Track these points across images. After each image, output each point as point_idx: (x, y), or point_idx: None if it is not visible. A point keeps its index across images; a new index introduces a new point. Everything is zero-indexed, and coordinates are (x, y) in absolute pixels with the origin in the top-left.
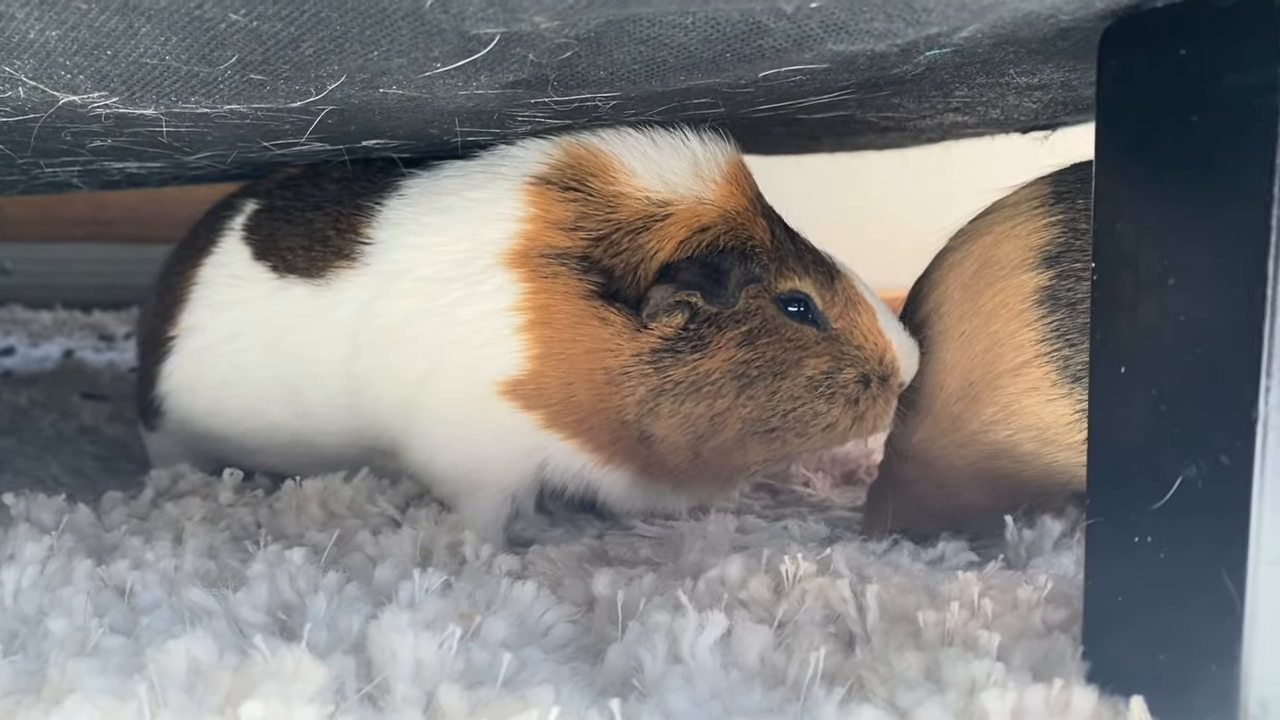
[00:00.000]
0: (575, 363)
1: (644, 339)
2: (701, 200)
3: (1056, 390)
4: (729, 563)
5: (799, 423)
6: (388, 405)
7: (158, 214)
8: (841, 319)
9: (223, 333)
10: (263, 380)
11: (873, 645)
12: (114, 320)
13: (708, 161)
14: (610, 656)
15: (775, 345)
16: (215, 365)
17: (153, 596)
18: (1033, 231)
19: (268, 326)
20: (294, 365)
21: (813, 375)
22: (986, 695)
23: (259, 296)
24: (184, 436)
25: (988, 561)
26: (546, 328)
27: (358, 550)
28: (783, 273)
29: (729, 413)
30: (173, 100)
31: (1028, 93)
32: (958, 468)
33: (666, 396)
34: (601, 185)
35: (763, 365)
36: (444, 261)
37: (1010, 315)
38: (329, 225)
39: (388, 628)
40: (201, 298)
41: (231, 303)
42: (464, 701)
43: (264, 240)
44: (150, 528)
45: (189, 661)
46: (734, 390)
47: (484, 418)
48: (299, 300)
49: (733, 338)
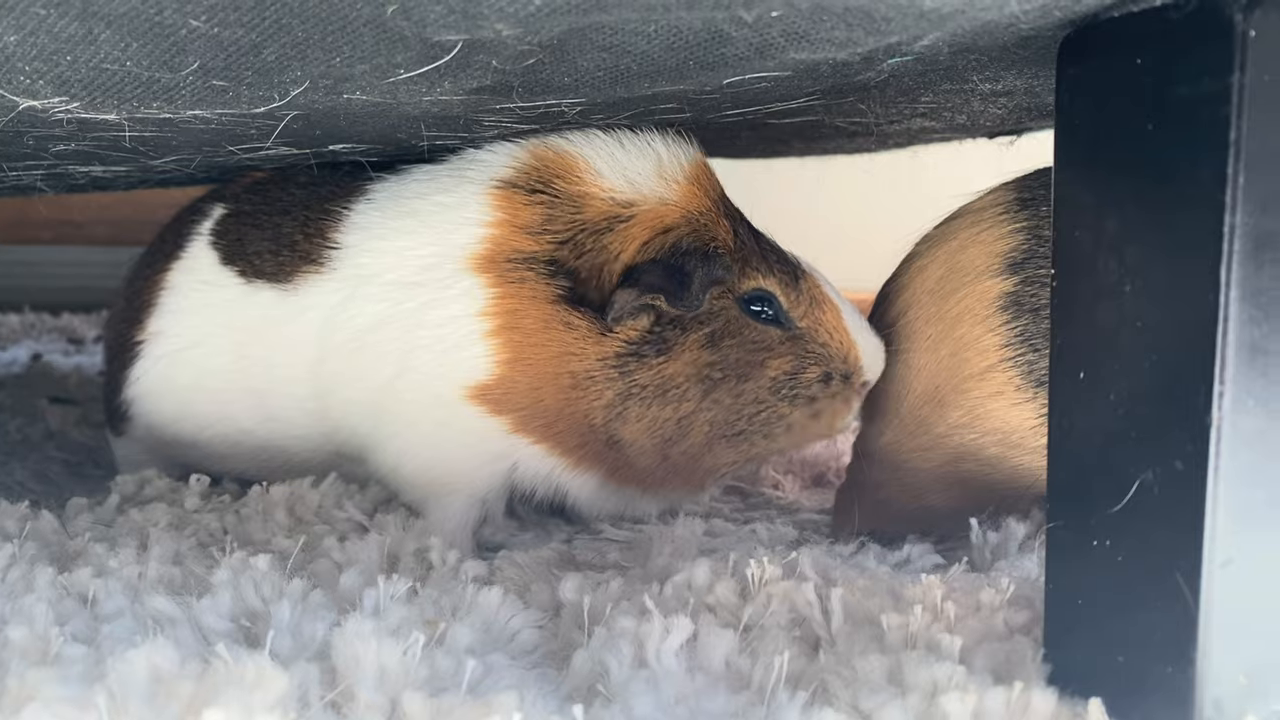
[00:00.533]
0: (543, 367)
1: (609, 343)
2: (664, 201)
3: (1021, 395)
4: (696, 567)
5: (764, 425)
6: (355, 410)
7: (129, 216)
8: (806, 318)
9: (190, 337)
10: (230, 385)
11: (837, 648)
12: (83, 323)
13: (671, 163)
14: (576, 662)
15: (738, 347)
16: (183, 370)
17: (115, 604)
18: (998, 238)
19: (235, 331)
20: (262, 370)
21: (775, 376)
22: (947, 698)
23: (227, 301)
24: (151, 442)
25: (953, 564)
26: (515, 332)
27: (324, 557)
28: (746, 272)
29: (694, 416)
30: (134, 106)
31: (992, 99)
32: (924, 471)
33: (633, 400)
34: (567, 187)
35: (726, 367)
36: (411, 266)
37: (975, 320)
38: (297, 230)
39: (351, 635)
40: (169, 303)
41: (199, 307)
42: (427, 708)
43: (232, 245)
44: (115, 534)
45: (150, 670)
46: (699, 393)
47: (451, 422)
48: (267, 305)
49: (696, 340)
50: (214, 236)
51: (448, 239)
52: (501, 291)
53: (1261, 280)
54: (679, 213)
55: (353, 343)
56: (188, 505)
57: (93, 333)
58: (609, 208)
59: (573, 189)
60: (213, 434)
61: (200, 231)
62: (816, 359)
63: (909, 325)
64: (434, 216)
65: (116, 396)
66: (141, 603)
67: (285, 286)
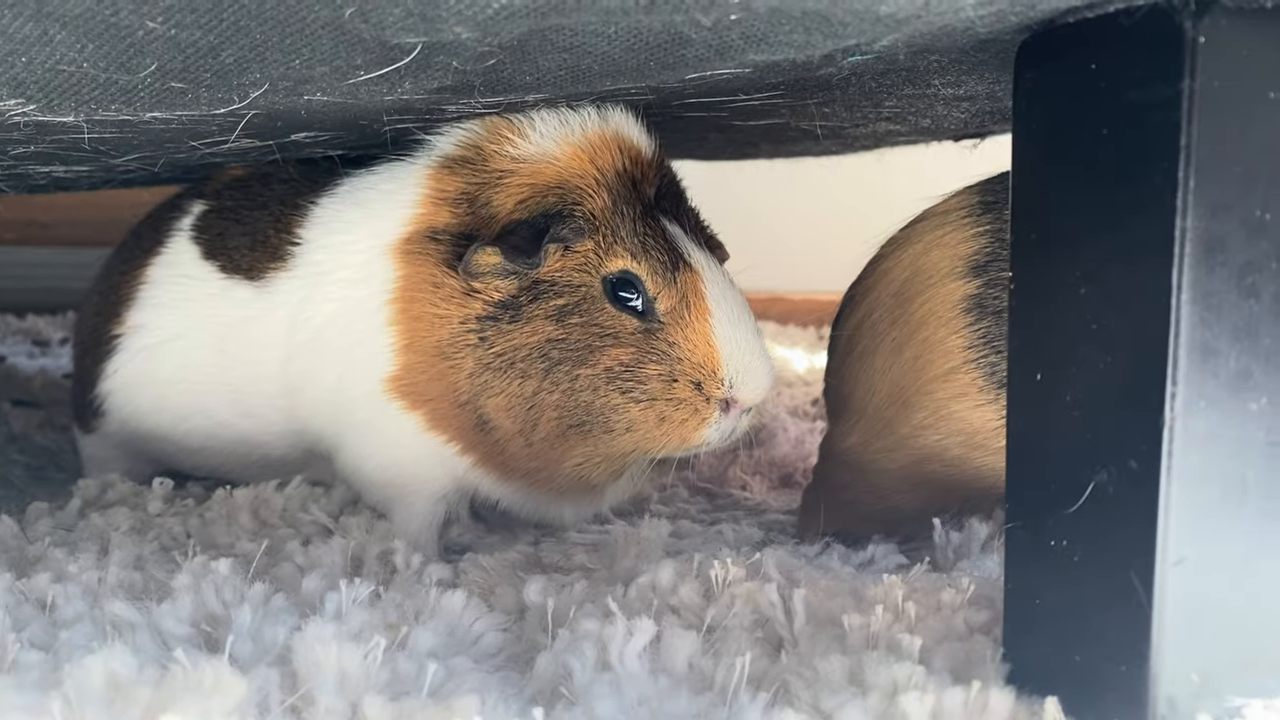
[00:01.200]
0: (425, 341)
1: (472, 304)
2: (550, 161)
3: (983, 396)
4: (660, 568)
5: (601, 417)
6: (318, 410)
7: (95, 217)
8: (670, 315)
9: (171, 331)
10: (209, 379)
11: (799, 649)
12: (49, 325)
13: (579, 126)
14: (540, 665)
15: (584, 328)
16: (162, 363)
17: (74, 610)
18: (961, 240)
19: (215, 326)
20: (239, 367)
21: (610, 366)
22: (906, 698)
23: (208, 296)
24: (125, 436)
25: (916, 564)
26: (409, 314)
27: (288, 560)
28: (614, 250)
29: (538, 397)
30: (93, 108)
31: (955, 103)
32: (889, 471)
33: (489, 371)
34: (492, 149)
35: (566, 347)
36: (357, 260)
37: (939, 322)
38: (270, 226)
39: (312, 639)
40: (149, 296)
41: (180, 301)
42: (388, 712)
43: (213, 240)
44: (76, 539)
45: (107, 676)
46: (540, 371)
47: (386, 421)
48: (243, 302)
49: (544, 311)
50: (195, 231)
51: (381, 226)
52: (404, 272)
53: (1213, 283)
54: (555, 172)
55: (313, 342)
56: (150, 509)
57: (58, 335)
58: (504, 164)
59: (491, 149)
60: (190, 427)
61: (181, 227)
62: (660, 357)
63: (873, 327)
64: (376, 205)
65: (90, 391)
66: (101, 608)
67: (258, 283)
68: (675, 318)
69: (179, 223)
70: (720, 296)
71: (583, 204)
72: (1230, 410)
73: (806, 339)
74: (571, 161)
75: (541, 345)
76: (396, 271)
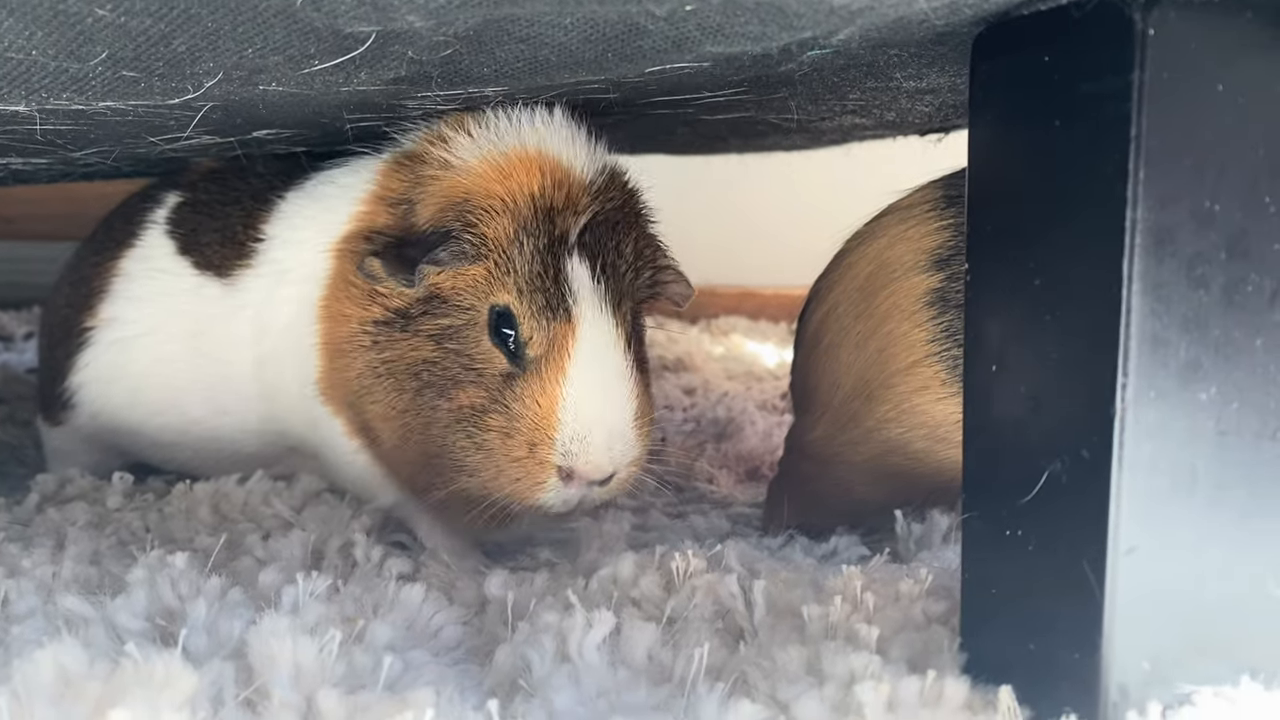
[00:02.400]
0: (332, 339)
1: (372, 308)
2: (466, 172)
3: (946, 389)
4: (621, 561)
5: (450, 455)
6: (293, 416)
7: (62, 211)
8: (534, 365)
9: (145, 325)
10: (183, 375)
11: (759, 640)
12: (13, 320)
13: (503, 139)
14: (499, 657)
15: (455, 356)
16: (136, 358)
17: (27, 605)
18: (925, 234)
19: (189, 322)
20: (213, 365)
21: (463, 406)
22: (862, 688)
23: (183, 290)
24: (94, 430)
25: (877, 555)
26: (328, 312)
27: (247, 554)
28: (503, 281)
29: (406, 416)
30: (44, 97)
31: (918, 96)
32: (853, 464)
33: (371, 376)
34: (429, 151)
35: (434, 373)
36: (310, 256)
37: (903, 316)
38: (239, 221)
39: (267, 632)
40: (123, 290)
41: (154, 296)
42: (343, 706)
43: (188, 234)
44: (31, 534)
45: (57, 670)
46: (411, 390)
47: (329, 425)
48: (213, 300)
49: (430, 329)
50: (170, 225)
51: (331, 221)
52: (333, 270)
53: (1162, 274)
54: (465, 187)
55: (277, 347)
56: (110, 504)
57: (23, 329)
58: (433, 168)
59: (427, 150)
60: (162, 422)
61: (155, 219)
62: (504, 409)
63: (839, 321)
64: (332, 200)
65: (59, 384)
66: (54, 603)
67: (226, 282)
68: (536, 369)
69: (153, 214)
70: (591, 354)
71: (478, 225)
72: (1180, 400)
73: (778, 334)
74: (482, 177)
75: (416, 364)
76: (329, 269)
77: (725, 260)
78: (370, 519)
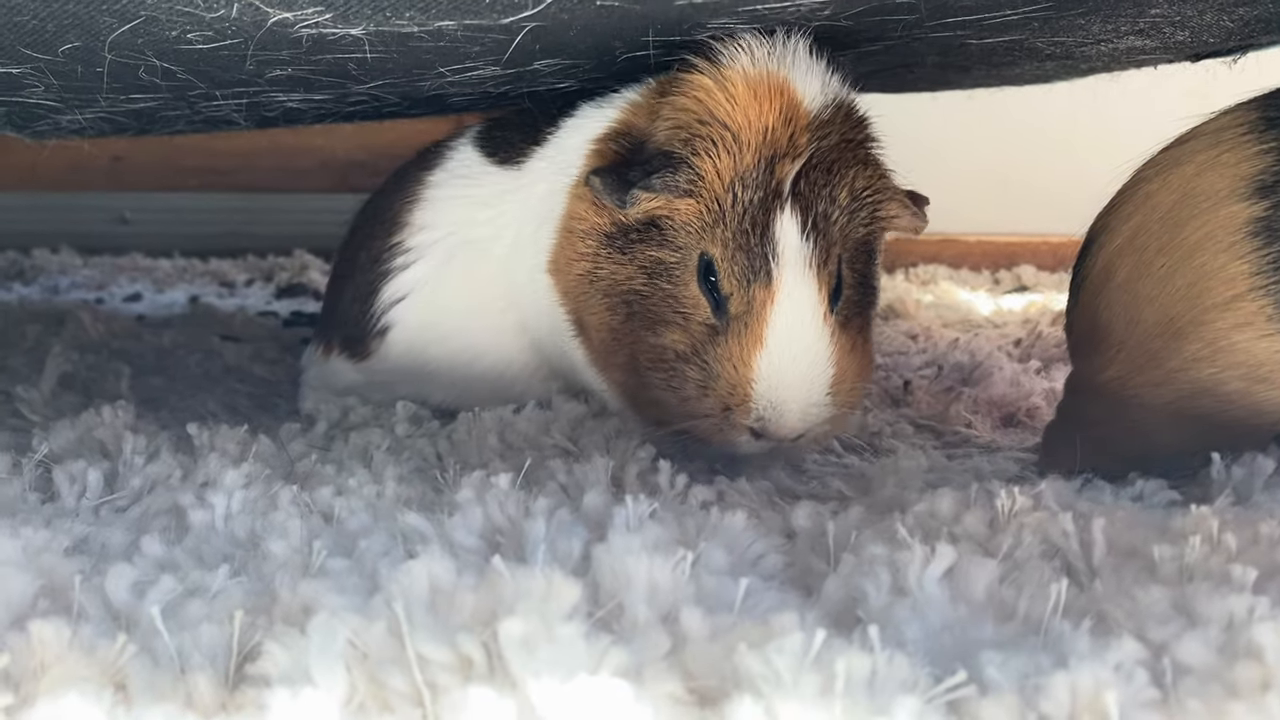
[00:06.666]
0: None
1: (604, 218)
2: (705, 92)
3: (1273, 325)
4: (939, 496)
5: (658, 384)
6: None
7: (274, 164)
8: (735, 322)
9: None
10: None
11: (1103, 579)
12: (232, 267)
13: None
14: (828, 587)
15: (663, 298)
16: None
17: (359, 522)
18: (1242, 160)
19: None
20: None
21: (666, 348)
22: (1261, 629)
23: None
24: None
25: (1190, 500)
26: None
27: (551, 479)
28: (715, 229)
29: (619, 335)
30: (386, 16)
31: (1231, 9)
32: (1153, 407)
33: (589, 284)
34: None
35: (644, 305)
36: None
37: (1219, 248)
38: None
39: (620, 550)
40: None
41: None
42: (706, 626)
43: (491, 141)
44: (339, 457)
45: (431, 581)
46: (622, 314)
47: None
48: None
49: (641, 259)
50: (477, 137)
51: (597, 122)
52: (584, 166)
53: None
54: (699, 109)
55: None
56: (399, 431)
57: (243, 277)
58: (678, 83)
59: (680, 73)
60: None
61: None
62: (703, 365)
63: (1137, 255)
64: (604, 104)
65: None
66: (390, 519)
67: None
68: (736, 327)
69: (459, 140)
70: (789, 324)
71: (699, 159)
72: None
73: (983, 282)
74: (714, 99)
75: (629, 292)
76: (583, 165)
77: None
78: (655, 446)
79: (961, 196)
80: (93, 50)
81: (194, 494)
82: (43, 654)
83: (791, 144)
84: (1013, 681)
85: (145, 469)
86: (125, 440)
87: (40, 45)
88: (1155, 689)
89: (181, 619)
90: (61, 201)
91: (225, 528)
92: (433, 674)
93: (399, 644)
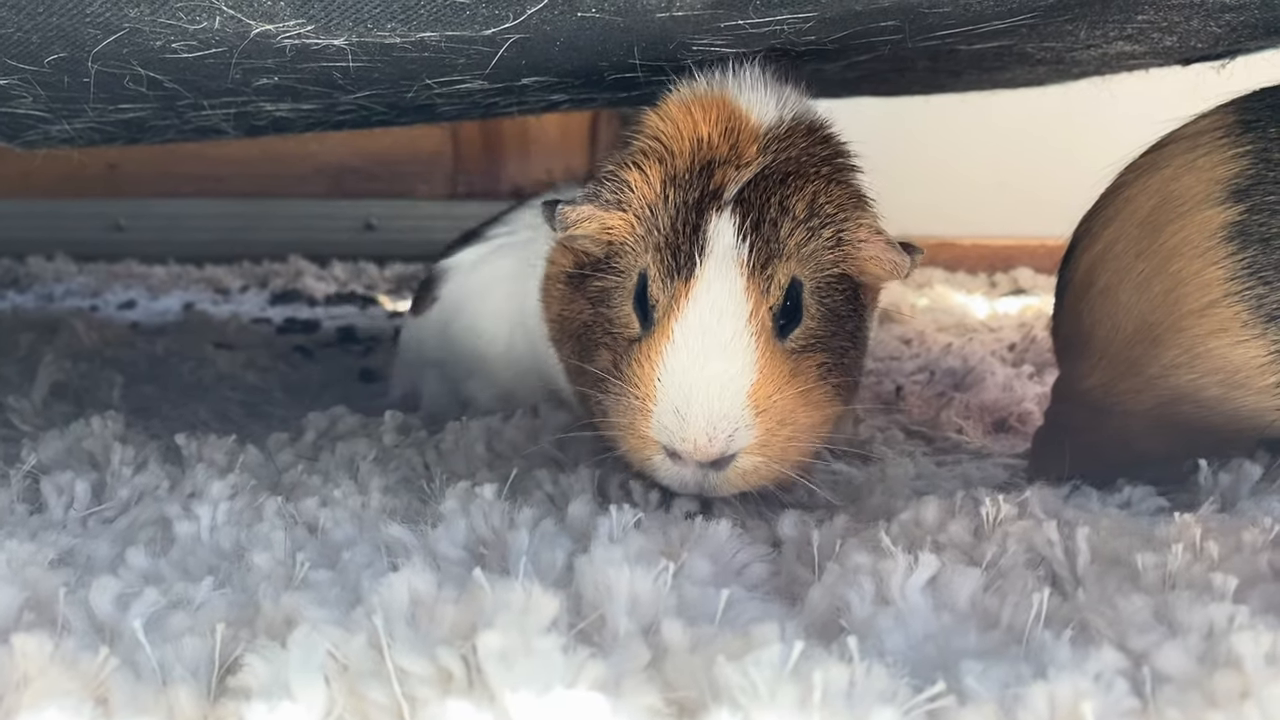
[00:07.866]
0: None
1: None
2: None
3: (1248, 331)
4: (923, 504)
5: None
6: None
7: (270, 171)
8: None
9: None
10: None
11: (1087, 588)
12: (227, 273)
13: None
14: (813, 596)
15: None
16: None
17: (344, 533)
18: (1218, 164)
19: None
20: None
21: (601, 367)
22: (1239, 638)
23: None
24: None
25: (1177, 508)
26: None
27: (538, 488)
28: (647, 241)
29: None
30: (368, 28)
31: (1215, 15)
32: (1134, 413)
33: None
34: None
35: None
36: None
37: (1195, 253)
38: None
39: (601, 561)
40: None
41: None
42: (686, 637)
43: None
44: (325, 467)
45: (411, 594)
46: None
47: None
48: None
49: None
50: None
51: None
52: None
53: None
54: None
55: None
56: (386, 440)
57: (238, 283)
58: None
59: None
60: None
61: None
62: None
63: (1116, 260)
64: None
65: None
66: (374, 530)
67: None
68: (654, 329)
69: None
70: (702, 317)
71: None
72: None
73: (979, 286)
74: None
75: (578, 327)
76: None
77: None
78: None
79: (957, 199)
80: (78, 61)
81: (180, 505)
82: (25, 667)
83: (734, 152)
84: (992, 691)
85: (133, 480)
86: (114, 451)
87: (26, 56)
88: (1135, 698)
89: (164, 631)
90: (56, 209)
91: (210, 539)
92: (412, 687)
93: (379, 657)
